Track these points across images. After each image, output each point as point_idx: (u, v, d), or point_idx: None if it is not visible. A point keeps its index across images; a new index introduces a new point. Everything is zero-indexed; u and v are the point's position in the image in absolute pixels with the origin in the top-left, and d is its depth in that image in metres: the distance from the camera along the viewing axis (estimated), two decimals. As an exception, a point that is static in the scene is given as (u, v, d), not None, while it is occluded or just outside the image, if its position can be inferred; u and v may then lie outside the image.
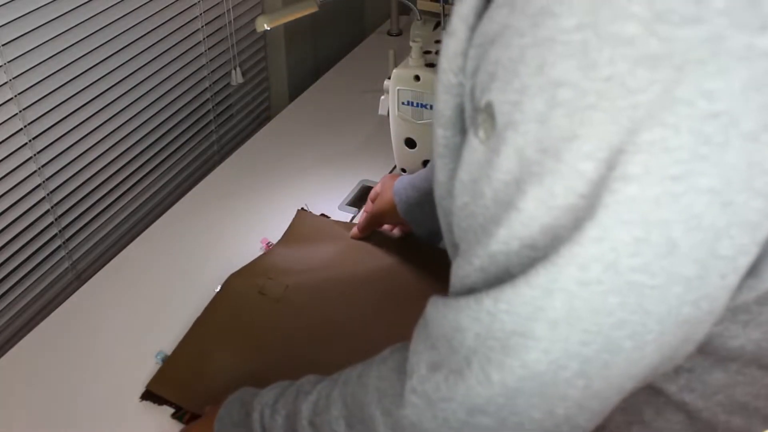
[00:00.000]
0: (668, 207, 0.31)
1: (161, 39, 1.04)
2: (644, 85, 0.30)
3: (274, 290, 0.85)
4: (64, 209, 0.96)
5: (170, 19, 1.04)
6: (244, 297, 0.85)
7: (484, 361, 0.38)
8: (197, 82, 1.15)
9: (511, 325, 0.36)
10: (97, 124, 0.97)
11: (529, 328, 0.35)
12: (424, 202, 0.82)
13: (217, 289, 0.88)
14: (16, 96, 0.83)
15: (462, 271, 0.40)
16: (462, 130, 0.42)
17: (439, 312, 0.41)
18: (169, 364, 0.78)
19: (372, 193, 0.92)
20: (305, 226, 0.96)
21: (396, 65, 0.91)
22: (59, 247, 0.98)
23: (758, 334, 0.41)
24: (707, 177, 0.31)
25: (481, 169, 0.37)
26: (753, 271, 0.36)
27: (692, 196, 0.31)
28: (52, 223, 0.95)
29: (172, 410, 0.74)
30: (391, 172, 1.06)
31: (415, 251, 0.89)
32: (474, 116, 0.38)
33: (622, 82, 0.30)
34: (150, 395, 0.76)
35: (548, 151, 0.33)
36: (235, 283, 0.87)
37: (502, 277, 0.37)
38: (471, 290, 0.39)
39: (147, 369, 0.78)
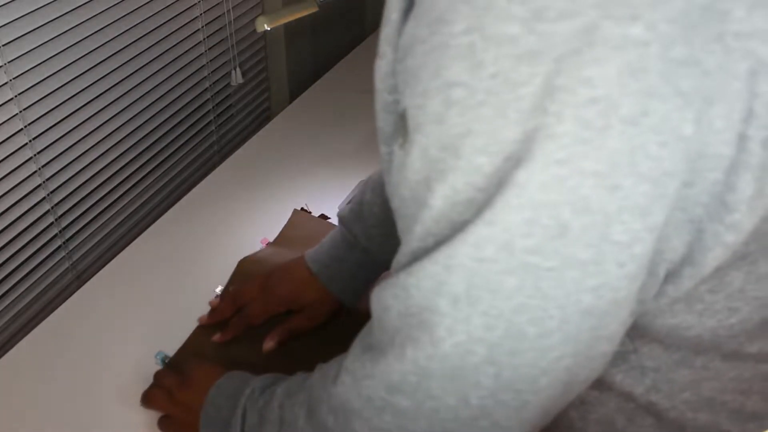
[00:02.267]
0: (555, 190, 0.33)
1: (161, 39, 1.04)
2: (527, 79, 0.32)
3: None
4: (65, 209, 0.96)
5: (170, 19, 1.04)
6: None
7: (404, 338, 0.40)
8: (197, 82, 1.15)
9: (419, 299, 0.38)
10: (98, 125, 0.97)
11: (434, 303, 0.37)
12: (350, 264, 0.79)
13: (218, 290, 0.88)
14: (16, 96, 0.83)
15: (395, 266, 0.42)
16: None
17: (374, 296, 0.42)
18: (169, 368, 0.78)
19: (233, 296, 0.82)
20: (301, 228, 0.96)
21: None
22: (59, 247, 0.98)
23: (713, 322, 0.41)
24: (591, 160, 0.32)
25: (399, 172, 0.39)
26: (688, 259, 0.37)
27: (578, 179, 0.33)
28: (52, 223, 0.95)
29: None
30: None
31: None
32: (399, 126, 0.40)
33: (507, 78, 0.32)
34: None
35: (448, 148, 0.35)
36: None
37: None
38: None
39: (147, 369, 0.78)
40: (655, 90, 0.31)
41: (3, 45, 0.79)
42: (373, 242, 0.76)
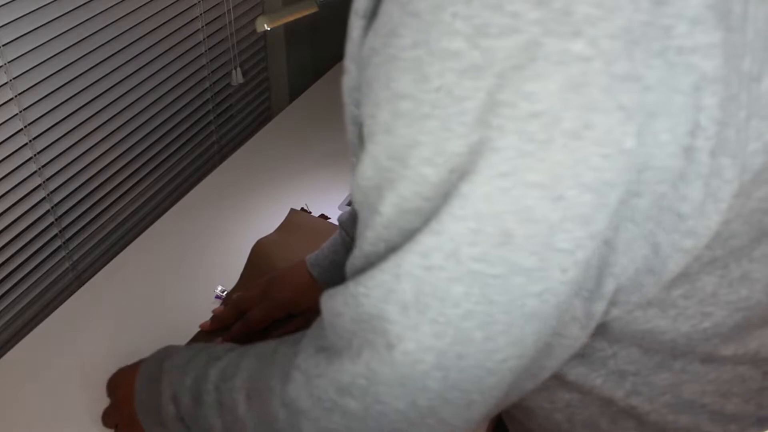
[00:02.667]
0: (499, 201, 0.34)
1: (161, 39, 1.04)
2: (470, 93, 0.32)
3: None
4: (65, 210, 0.96)
5: (170, 19, 1.04)
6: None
7: (361, 341, 0.40)
8: (197, 82, 1.15)
9: (369, 307, 0.38)
10: (98, 125, 0.97)
11: (384, 311, 0.38)
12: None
13: (218, 290, 0.88)
14: (16, 96, 0.83)
15: (348, 270, 0.43)
16: None
17: (324, 301, 0.43)
18: None
19: (236, 302, 0.82)
20: (297, 227, 0.96)
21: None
22: (59, 247, 0.98)
23: (687, 327, 0.42)
24: (534, 172, 0.33)
25: (354, 179, 0.40)
26: (646, 269, 0.37)
27: (521, 190, 0.33)
28: (52, 223, 0.95)
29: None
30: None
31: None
32: (361, 137, 0.41)
33: (450, 92, 0.33)
34: None
35: (396, 158, 0.36)
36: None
37: None
38: None
39: (147, 369, 0.78)
40: (597, 104, 0.32)
41: (3, 45, 0.79)
42: None
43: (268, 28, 1.02)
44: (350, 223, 0.79)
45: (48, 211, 0.93)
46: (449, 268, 0.36)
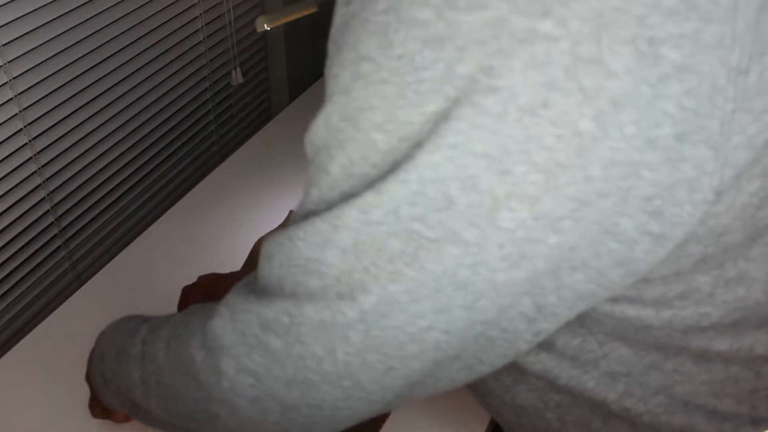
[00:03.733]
0: (444, 167, 0.34)
1: (161, 39, 1.04)
2: (429, 63, 0.33)
3: None
4: (65, 209, 0.96)
5: (170, 19, 1.04)
6: None
7: (291, 284, 0.40)
8: (197, 82, 1.15)
9: (306, 251, 0.39)
10: (98, 124, 0.97)
11: (321, 254, 0.38)
12: None
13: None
14: (16, 96, 0.83)
15: (289, 225, 0.43)
16: None
17: (263, 244, 0.43)
18: None
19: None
20: None
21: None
22: (59, 247, 0.98)
23: (683, 326, 0.42)
24: (483, 143, 0.33)
25: (307, 136, 0.40)
26: (615, 262, 0.37)
27: (467, 159, 0.33)
28: (52, 223, 0.95)
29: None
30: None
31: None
32: None
33: (411, 60, 0.33)
34: None
35: (349, 119, 0.36)
36: None
37: None
38: None
39: (147, 369, 0.78)
40: (557, 84, 0.32)
41: (3, 45, 0.79)
42: None
43: (268, 28, 1.02)
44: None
45: (48, 211, 0.93)
46: (388, 223, 0.36)
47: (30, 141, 0.87)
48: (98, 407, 0.70)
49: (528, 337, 0.40)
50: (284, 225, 0.95)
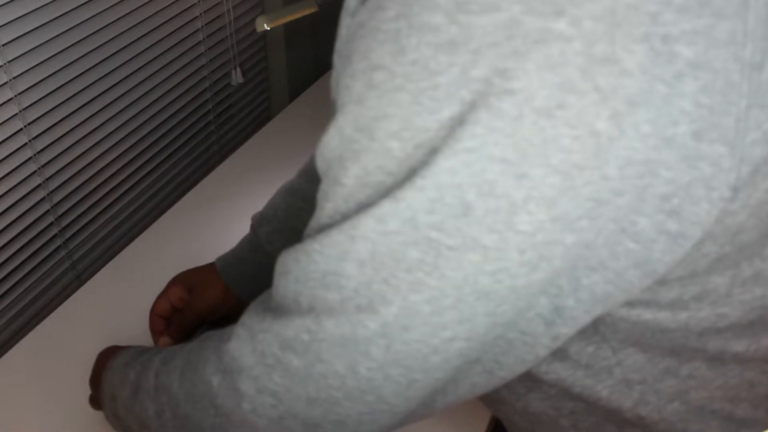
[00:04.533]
0: (461, 173, 0.33)
1: (161, 39, 1.04)
2: (444, 68, 0.32)
3: None
4: (64, 209, 0.96)
5: (170, 19, 1.04)
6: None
7: (309, 299, 0.40)
8: (197, 82, 1.15)
9: (323, 264, 0.38)
10: (98, 124, 0.97)
11: (339, 267, 0.37)
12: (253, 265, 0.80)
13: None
14: (16, 96, 0.83)
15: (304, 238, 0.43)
16: None
17: (277, 261, 0.43)
18: None
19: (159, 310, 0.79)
20: None
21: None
22: (59, 247, 0.98)
23: (700, 328, 0.41)
24: (500, 147, 0.33)
25: (319, 149, 0.39)
26: (633, 263, 0.37)
27: (485, 164, 0.33)
28: (52, 223, 0.95)
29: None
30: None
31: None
32: None
33: (425, 66, 0.33)
34: None
35: (363, 129, 0.35)
36: None
37: None
38: None
39: (147, 369, 0.78)
40: (573, 85, 0.31)
41: (3, 45, 0.79)
42: (273, 246, 0.78)
43: (268, 28, 1.02)
44: (259, 221, 0.81)
45: (48, 210, 0.93)
46: (405, 233, 0.35)
47: (30, 141, 0.87)
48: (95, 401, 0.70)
49: (546, 342, 0.40)
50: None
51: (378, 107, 0.34)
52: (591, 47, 0.31)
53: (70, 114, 0.92)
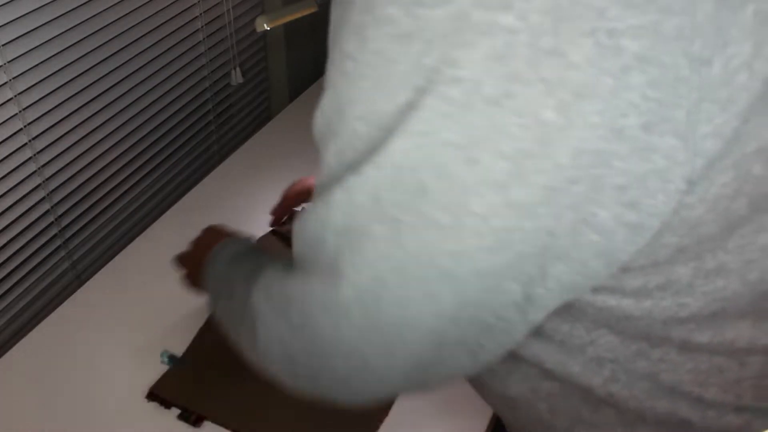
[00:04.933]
0: (416, 154, 0.36)
1: (161, 39, 1.04)
2: (400, 57, 0.35)
3: None
4: (64, 209, 0.96)
5: (170, 19, 1.04)
6: None
7: (302, 259, 0.45)
8: (197, 82, 1.15)
9: (312, 231, 0.42)
10: (97, 124, 0.97)
11: (322, 234, 0.42)
12: None
13: (217, 289, 0.88)
14: (16, 96, 0.83)
15: None
16: None
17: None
18: (176, 368, 0.79)
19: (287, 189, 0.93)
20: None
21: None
22: (59, 247, 0.98)
23: (663, 316, 0.43)
24: (451, 132, 0.35)
25: (314, 124, 0.43)
26: (595, 252, 0.38)
27: (437, 147, 0.36)
28: (52, 223, 0.95)
29: (178, 411, 0.75)
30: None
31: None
32: None
33: (384, 55, 0.36)
34: (156, 397, 0.76)
35: (337, 112, 0.39)
36: None
37: None
38: None
39: (146, 369, 0.79)
40: (519, 75, 0.33)
41: (3, 45, 0.79)
42: None
43: (268, 28, 1.02)
44: None
45: (48, 210, 0.93)
46: (370, 208, 0.38)
47: (30, 141, 0.87)
48: (185, 266, 0.76)
49: (522, 328, 0.42)
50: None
51: (347, 93, 0.38)
52: (537, 40, 0.33)
53: (70, 114, 0.92)
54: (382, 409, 0.76)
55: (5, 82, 0.81)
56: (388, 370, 0.44)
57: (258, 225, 0.98)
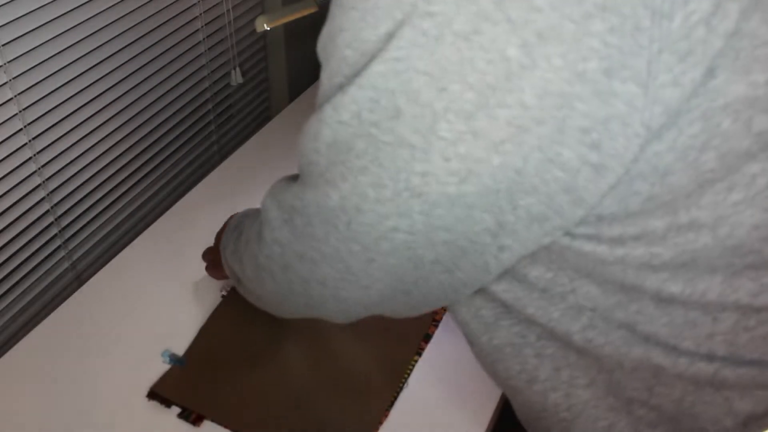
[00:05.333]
0: (392, 79, 0.41)
1: (161, 39, 1.04)
2: None
3: None
4: (64, 209, 0.96)
5: (170, 19, 1.04)
6: (247, 305, 0.85)
7: (302, 169, 0.50)
8: (197, 82, 1.15)
9: (309, 143, 0.47)
10: (97, 124, 0.97)
11: (316, 146, 0.47)
12: None
13: (223, 293, 0.88)
14: (16, 96, 0.83)
15: None
16: None
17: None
18: (176, 367, 0.79)
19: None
20: None
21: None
22: (59, 247, 0.98)
23: (636, 263, 0.45)
24: (423, 61, 0.39)
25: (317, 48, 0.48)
26: (562, 188, 0.41)
27: (411, 74, 0.40)
28: (52, 223, 0.95)
29: (178, 410, 0.75)
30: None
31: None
32: None
33: None
34: (157, 396, 0.76)
35: (331, 39, 0.44)
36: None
37: None
38: None
39: (147, 368, 0.79)
40: (487, 14, 0.37)
41: (3, 45, 0.79)
42: None
43: (268, 28, 1.02)
44: None
45: (48, 210, 0.93)
46: (354, 125, 0.43)
47: (30, 141, 0.87)
48: (209, 256, 0.84)
49: (494, 251, 0.46)
50: None
51: (339, 22, 0.43)
52: None
53: (70, 114, 0.92)
54: (382, 409, 0.76)
55: (5, 82, 0.81)
56: (369, 278, 0.49)
57: (258, 225, 0.98)
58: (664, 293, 0.46)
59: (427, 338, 0.83)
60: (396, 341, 0.82)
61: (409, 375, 0.79)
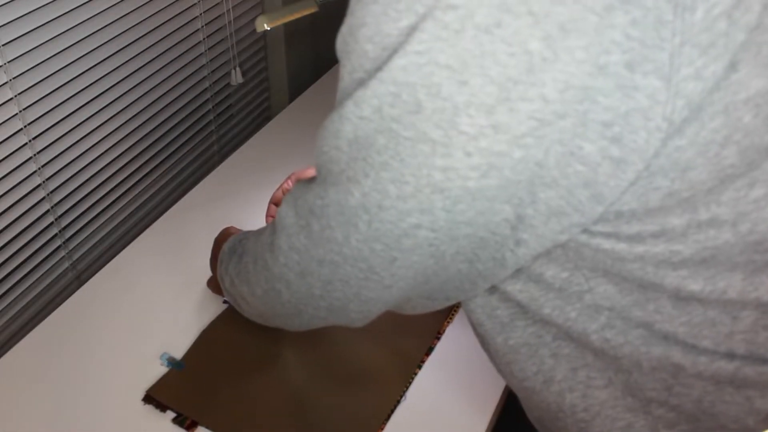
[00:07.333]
0: (414, 73, 0.40)
1: (161, 39, 1.04)
2: None
3: None
4: (64, 209, 0.96)
5: (170, 19, 1.04)
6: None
7: (321, 167, 0.49)
8: (197, 82, 1.15)
9: (330, 140, 0.46)
10: (97, 124, 0.97)
11: (337, 143, 0.46)
12: None
13: (225, 300, 0.88)
14: (16, 96, 0.83)
15: None
16: None
17: None
18: (174, 371, 0.79)
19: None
20: None
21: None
22: (59, 247, 0.98)
23: (656, 260, 0.45)
24: (444, 55, 0.39)
25: (336, 44, 0.47)
26: (582, 182, 0.41)
27: (432, 68, 0.39)
28: (52, 223, 0.95)
29: (173, 414, 0.75)
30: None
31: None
32: None
33: None
34: (152, 399, 0.76)
35: (352, 34, 0.43)
36: None
37: None
38: None
39: (146, 370, 0.79)
40: (509, 6, 0.37)
41: (3, 45, 0.79)
42: None
43: (268, 28, 1.02)
44: None
45: (48, 210, 0.93)
46: (375, 120, 0.43)
47: (30, 141, 0.87)
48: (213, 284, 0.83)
49: (511, 245, 0.46)
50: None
51: (360, 17, 0.42)
52: None
53: (70, 114, 0.92)
54: (381, 416, 0.75)
55: (5, 82, 0.81)
56: (392, 277, 0.49)
57: (258, 225, 0.97)
58: (684, 291, 0.45)
59: (429, 351, 0.83)
60: (397, 349, 0.82)
61: (407, 388, 0.79)
